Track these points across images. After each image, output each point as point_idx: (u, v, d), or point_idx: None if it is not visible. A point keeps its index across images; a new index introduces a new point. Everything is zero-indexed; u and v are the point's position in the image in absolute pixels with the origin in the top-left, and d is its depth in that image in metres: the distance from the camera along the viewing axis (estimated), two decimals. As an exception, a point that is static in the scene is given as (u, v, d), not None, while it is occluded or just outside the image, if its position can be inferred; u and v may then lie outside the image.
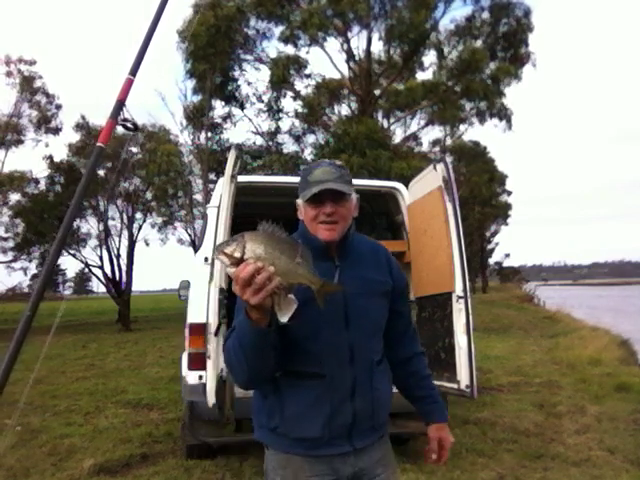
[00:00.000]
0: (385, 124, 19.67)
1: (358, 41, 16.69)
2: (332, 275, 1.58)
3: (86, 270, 19.74)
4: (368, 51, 16.74)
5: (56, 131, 19.85)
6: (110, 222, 19.30)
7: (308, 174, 1.61)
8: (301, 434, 1.57)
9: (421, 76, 18.40)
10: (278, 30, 16.48)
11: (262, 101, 18.22)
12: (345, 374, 1.57)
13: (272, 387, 1.59)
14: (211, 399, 3.30)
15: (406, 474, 3.72)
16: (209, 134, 18.09)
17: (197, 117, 17.68)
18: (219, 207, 3.58)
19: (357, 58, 16.93)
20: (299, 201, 1.64)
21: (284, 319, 1.29)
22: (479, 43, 16.39)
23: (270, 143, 18.47)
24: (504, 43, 16.51)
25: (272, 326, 1.36)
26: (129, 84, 2.13)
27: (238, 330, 1.42)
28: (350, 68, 17.37)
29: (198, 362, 3.53)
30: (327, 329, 1.55)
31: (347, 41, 16.44)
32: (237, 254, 1.21)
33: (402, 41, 15.26)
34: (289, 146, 18.90)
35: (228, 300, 3.48)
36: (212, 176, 17.69)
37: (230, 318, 3.48)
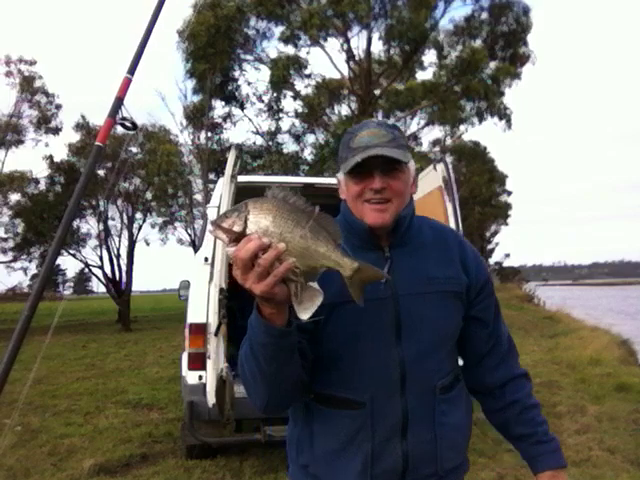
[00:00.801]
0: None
1: (358, 41, 16.70)
2: (380, 268, 1.17)
3: (86, 270, 19.72)
4: (368, 51, 16.74)
5: (56, 131, 19.84)
6: (110, 222, 19.30)
7: (350, 138, 1.24)
8: (334, 478, 1.24)
9: (421, 76, 18.43)
10: (278, 30, 16.51)
11: (262, 101, 18.23)
12: (393, 403, 1.20)
13: (303, 413, 1.27)
14: (211, 399, 3.30)
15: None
16: (209, 134, 18.10)
17: (197, 117, 17.68)
18: (219, 207, 3.58)
19: (357, 58, 16.93)
20: (339, 175, 1.29)
21: (304, 316, 0.99)
22: (479, 42, 16.41)
23: (270, 143, 18.46)
24: (503, 42, 16.52)
25: (291, 325, 1.04)
26: (127, 83, 2.13)
27: (249, 331, 1.08)
28: (350, 68, 17.37)
29: (198, 362, 3.53)
30: (369, 341, 1.19)
31: (347, 41, 16.44)
32: (237, 227, 0.95)
33: (402, 41, 15.26)
34: (289, 146, 18.91)
35: (228, 300, 3.48)
36: (212, 176, 17.70)
37: (230, 318, 3.50)
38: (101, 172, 17.32)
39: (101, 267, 18.81)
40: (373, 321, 1.18)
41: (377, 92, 17.66)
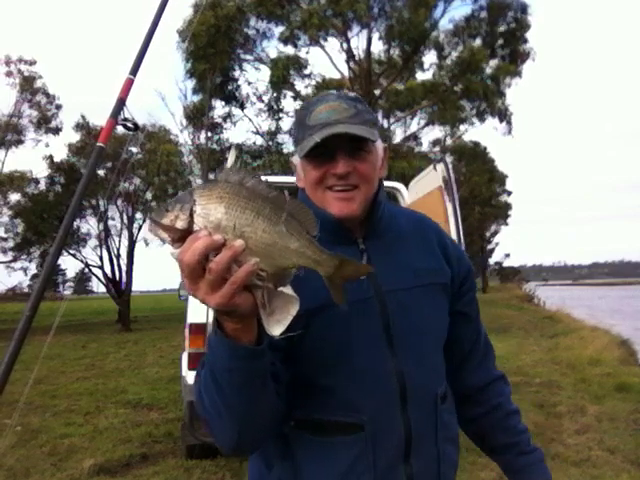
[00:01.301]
0: (385, 124, 19.67)
1: (358, 41, 16.74)
2: None
3: (86, 270, 19.72)
4: (368, 51, 16.75)
5: (56, 131, 19.86)
6: (110, 222, 19.31)
7: (306, 115, 1.03)
8: None
9: (421, 76, 18.44)
10: (278, 30, 16.52)
11: (262, 101, 18.23)
12: (395, 423, 1.01)
13: (280, 449, 1.02)
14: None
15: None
16: (209, 134, 18.11)
17: (197, 117, 17.69)
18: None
19: (357, 58, 16.94)
20: (295, 159, 1.10)
21: (276, 331, 0.78)
22: (478, 42, 16.42)
23: (270, 143, 18.47)
24: (503, 41, 16.53)
25: (263, 342, 0.81)
26: (129, 84, 2.13)
27: (208, 354, 0.85)
28: (350, 68, 17.38)
29: (198, 362, 3.53)
30: (359, 351, 1.00)
31: (347, 41, 16.45)
32: (180, 223, 0.73)
33: (402, 41, 15.27)
34: (289, 146, 18.90)
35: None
36: (212, 176, 17.69)
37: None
38: (101, 172, 17.34)
39: (101, 267, 18.83)
40: (359, 326, 1.00)
41: (377, 92, 17.66)
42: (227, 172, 0.76)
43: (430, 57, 17.80)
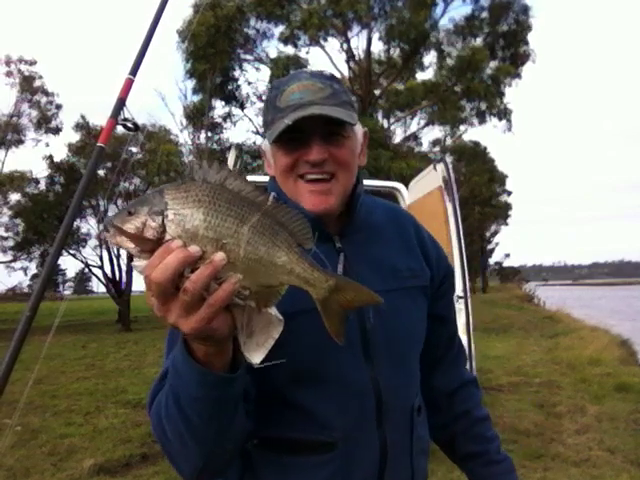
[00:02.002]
0: (385, 124, 19.68)
1: (358, 41, 16.79)
2: (332, 265, 0.91)
3: (86, 270, 19.73)
4: (368, 51, 16.76)
5: (56, 131, 19.88)
6: (110, 222, 19.30)
7: (276, 95, 0.92)
8: None
9: (421, 76, 18.46)
10: (278, 30, 16.54)
11: (262, 101, 18.24)
12: (370, 439, 0.92)
13: (239, 470, 0.91)
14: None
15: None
16: (209, 134, 18.13)
17: (197, 117, 17.70)
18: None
19: (357, 58, 16.95)
20: (264, 144, 0.98)
21: (256, 358, 0.69)
22: (479, 42, 16.42)
23: (270, 143, 18.47)
24: (504, 42, 16.53)
25: (238, 368, 0.72)
26: (129, 84, 2.13)
27: (173, 379, 0.75)
28: (350, 68, 17.39)
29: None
30: (334, 361, 0.89)
31: (347, 41, 16.46)
32: (150, 232, 0.61)
33: (402, 41, 15.28)
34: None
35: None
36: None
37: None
38: (101, 172, 17.34)
39: (101, 267, 18.84)
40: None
41: (377, 92, 17.67)
42: (206, 170, 0.63)
43: (430, 57, 17.80)
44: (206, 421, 0.73)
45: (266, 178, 1.03)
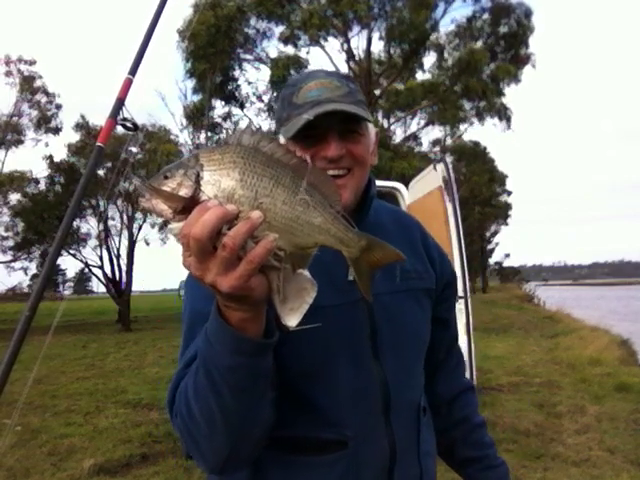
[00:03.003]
0: (385, 124, 19.68)
1: (358, 41, 16.77)
2: (341, 267, 0.90)
3: (86, 270, 19.74)
4: (368, 51, 16.76)
5: (56, 131, 19.90)
6: (110, 222, 19.32)
7: (293, 92, 0.93)
8: None
9: (421, 76, 18.46)
10: (278, 30, 16.54)
11: (262, 101, 18.25)
12: (379, 437, 0.93)
13: (249, 470, 0.91)
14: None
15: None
16: (209, 134, 18.12)
17: (197, 117, 17.69)
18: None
19: (357, 58, 16.95)
20: (281, 139, 0.95)
21: (293, 320, 0.69)
22: (479, 44, 16.42)
23: (270, 143, 18.47)
24: (504, 44, 16.52)
25: (274, 336, 0.71)
26: (128, 84, 2.13)
27: (204, 351, 0.73)
28: (350, 68, 17.38)
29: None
30: (344, 359, 0.90)
31: (347, 41, 16.46)
32: (185, 191, 0.61)
33: (402, 41, 15.28)
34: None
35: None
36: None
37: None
38: (101, 172, 17.35)
39: (101, 267, 18.84)
40: (346, 331, 0.91)
41: (377, 92, 17.67)
42: (240, 133, 0.63)
43: (430, 57, 17.82)
44: (237, 395, 0.72)
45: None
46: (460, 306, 3.59)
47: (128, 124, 2.14)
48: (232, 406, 0.72)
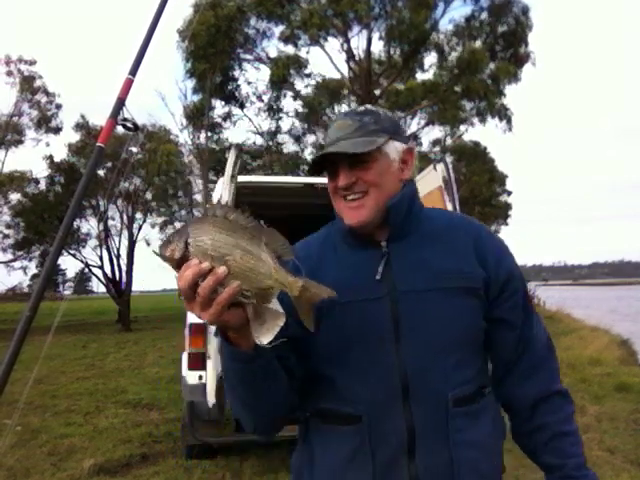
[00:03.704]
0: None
1: (358, 41, 16.70)
2: (373, 269, 1.08)
3: (86, 270, 19.73)
4: (368, 51, 16.74)
5: (56, 131, 19.88)
6: (110, 222, 19.32)
7: (326, 135, 1.15)
8: None
9: (421, 76, 18.44)
10: (278, 30, 16.52)
11: (262, 101, 18.26)
12: (395, 417, 1.04)
13: (302, 433, 1.15)
14: (211, 399, 3.31)
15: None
16: (209, 134, 18.12)
17: (197, 117, 17.69)
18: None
19: (357, 58, 16.93)
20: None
21: (264, 340, 0.89)
22: (479, 43, 16.40)
23: (270, 143, 18.47)
24: (504, 43, 16.50)
25: (259, 348, 0.91)
26: (129, 84, 2.13)
27: (222, 361, 0.99)
28: (350, 68, 17.37)
29: (198, 362, 3.54)
30: (363, 346, 1.06)
31: (347, 41, 16.44)
32: (178, 254, 0.86)
33: (402, 41, 15.26)
34: (289, 146, 18.93)
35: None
36: (212, 176, 17.71)
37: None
38: (101, 172, 17.34)
39: (101, 267, 18.85)
40: (367, 323, 1.05)
41: (377, 92, 17.66)
42: (214, 207, 0.88)
43: (430, 57, 17.77)
44: (244, 388, 0.99)
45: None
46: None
47: (128, 124, 2.15)
48: (243, 396, 1.01)
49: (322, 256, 1.14)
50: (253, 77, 39.78)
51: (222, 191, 3.60)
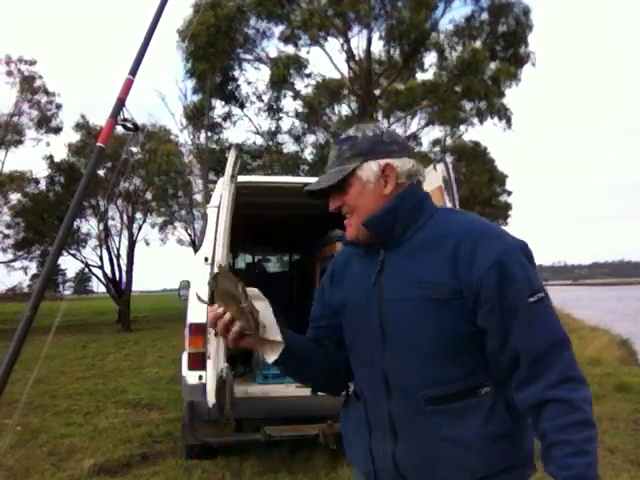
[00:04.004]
0: (385, 124, 19.67)
1: (358, 41, 16.69)
2: (372, 276, 1.22)
3: (86, 270, 19.73)
4: (368, 51, 16.74)
5: (57, 131, 19.87)
6: (110, 222, 19.32)
7: None
8: (355, 464, 1.34)
9: (421, 76, 18.43)
10: (278, 30, 16.53)
11: (262, 101, 18.26)
12: (380, 404, 1.21)
13: (345, 396, 1.40)
14: (211, 399, 3.31)
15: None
16: (209, 134, 18.12)
17: (197, 117, 17.70)
18: (219, 207, 3.58)
19: (357, 58, 16.93)
20: None
21: (268, 360, 1.19)
22: (479, 43, 16.38)
23: (270, 143, 18.48)
24: (504, 43, 16.49)
25: (279, 359, 1.19)
26: (129, 84, 2.13)
27: None
28: (350, 68, 17.37)
29: (198, 362, 3.53)
30: (361, 341, 1.25)
31: (347, 41, 16.44)
32: (206, 299, 1.27)
33: (402, 41, 15.26)
34: (289, 146, 18.93)
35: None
36: (212, 176, 17.72)
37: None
38: (101, 172, 17.34)
39: (101, 267, 18.85)
40: (361, 325, 1.23)
41: (377, 92, 17.66)
42: (223, 275, 1.21)
43: (430, 57, 17.77)
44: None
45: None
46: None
47: (128, 124, 2.15)
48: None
49: (349, 262, 1.33)
50: (253, 77, 39.79)
51: (222, 191, 3.60)
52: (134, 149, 18.71)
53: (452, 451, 1.13)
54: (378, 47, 18.21)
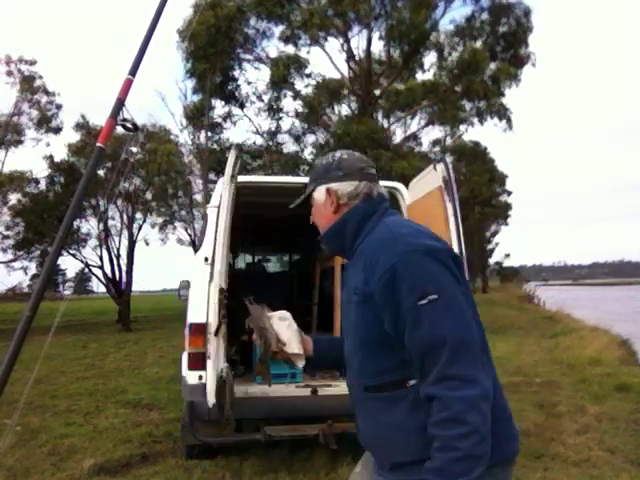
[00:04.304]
0: (385, 124, 19.67)
1: (358, 41, 16.69)
2: (353, 277, 1.43)
3: (86, 270, 19.71)
4: (368, 51, 16.74)
5: (57, 131, 19.85)
6: (110, 222, 19.30)
7: None
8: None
9: (421, 76, 18.43)
10: (278, 30, 16.52)
11: (262, 101, 18.25)
12: (350, 385, 1.46)
13: None
14: (211, 399, 3.30)
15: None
16: (209, 134, 18.12)
17: (197, 117, 17.70)
18: (219, 207, 3.58)
19: (357, 58, 16.93)
20: None
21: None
22: (479, 43, 16.38)
23: (270, 143, 18.47)
24: (504, 43, 16.49)
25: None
26: (128, 84, 2.13)
27: None
28: (350, 68, 17.37)
29: (198, 362, 3.53)
30: (345, 335, 1.51)
31: (347, 41, 16.44)
32: (247, 328, 1.60)
33: (402, 41, 15.25)
34: (289, 146, 18.92)
35: (228, 300, 3.49)
36: (212, 176, 17.72)
37: (230, 318, 3.51)
38: (101, 172, 17.32)
39: (101, 267, 18.82)
40: (344, 321, 1.49)
41: (377, 92, 17.66)
42: (253, 309, 1.62)
43: (430, 57, 17.76)
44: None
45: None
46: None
47: (128, 124, 2.15)
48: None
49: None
50: (253, 77, 39.76)
51: (222, 191, 3.60)
52: (134, 149, 18.70)
53: (389, 431, 1.29)
54: (378, 47, 18.25)
